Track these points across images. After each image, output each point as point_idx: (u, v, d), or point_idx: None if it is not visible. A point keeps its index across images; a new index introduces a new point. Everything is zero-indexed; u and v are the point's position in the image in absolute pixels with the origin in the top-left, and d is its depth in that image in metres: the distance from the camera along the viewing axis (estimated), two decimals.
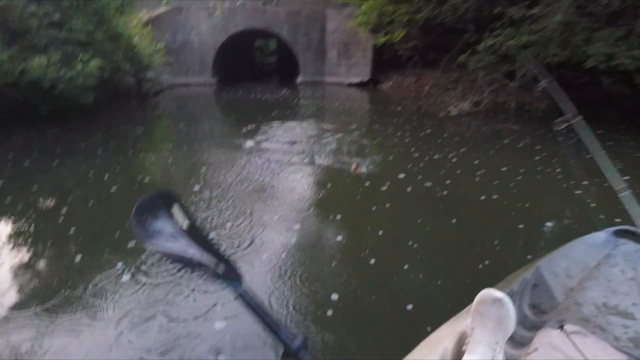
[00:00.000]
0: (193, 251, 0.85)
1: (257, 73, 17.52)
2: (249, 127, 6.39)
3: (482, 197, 3.33)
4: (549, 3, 6.27)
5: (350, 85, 12.51)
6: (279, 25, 13.10)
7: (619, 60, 5.56)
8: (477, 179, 3.80)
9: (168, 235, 0.87)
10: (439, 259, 2.53)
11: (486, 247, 2.58)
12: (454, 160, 4.53)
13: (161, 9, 12.10)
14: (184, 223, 0.92)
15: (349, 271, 2.37)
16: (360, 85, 12.40)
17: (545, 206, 3.32)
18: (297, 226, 2.89)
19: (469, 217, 3.03)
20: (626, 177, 3.73)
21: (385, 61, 12.42)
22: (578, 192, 3.39)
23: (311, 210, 3.20)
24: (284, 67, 16.21)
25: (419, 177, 3.87)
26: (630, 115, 6.44)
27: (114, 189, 3.70)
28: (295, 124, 6.79)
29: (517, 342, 1.15)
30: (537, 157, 4.52)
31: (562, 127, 1.28)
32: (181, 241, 0.87)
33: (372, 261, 2.43)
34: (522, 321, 1.27)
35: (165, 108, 9.56)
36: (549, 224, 2.90)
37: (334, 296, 2.08)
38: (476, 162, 4.38)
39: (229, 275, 0.83)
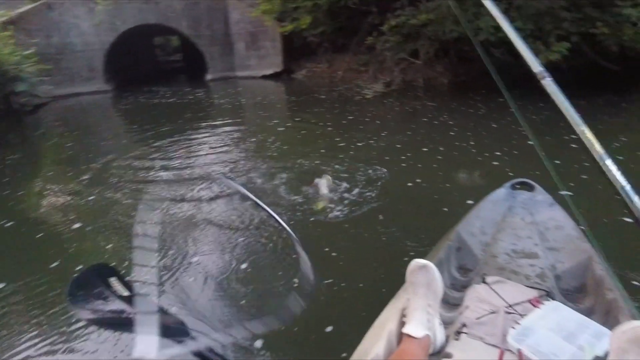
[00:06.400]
0: (135, 315, 0.86)
1: (161, 74, 15.93)
2: (153, 139, 5.59)
3: (409, 184, 3.25)
4: None
5: (264, 77, 12.01)
6: (176, 19, 11.95)
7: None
8: (402, 164, 3.73)
9: (107, 305, 0.89)
10: (363, 262, 2.29)
11: (415, 241, 2.39)
12: (378, 145, 4.46)
13: (24, 7, 10.15)
14: (124, 292, 0.94)
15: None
16: (274, 76, 11.97)
17: (465, 183, 3.33)
18: (196, 259, 2.42)
19: (397, 209, 2.86)
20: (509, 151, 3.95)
21: (296, 49, 12.13)
22: (495, 162, 3.52)
23: (220, 233, 2.75)
24: (191, 64, 14.96)
25: (347, 170, 3.65)
26: (517, 82, 7.06)
27: None
28: (209, 128, 6.17)
29: (452, 304, 1.26)
30: (453, 133, 4.67)
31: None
32: (122, 308, 0.88)
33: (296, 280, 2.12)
34: (453, 284, 1.40)
35: (50, 125, 8.10)
36: (470, 201, 2.90)
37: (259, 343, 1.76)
38: (399, 145, 4.35)
39: (175, 329, 0.87)
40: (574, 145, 3.81)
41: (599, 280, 1.24)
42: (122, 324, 0.88)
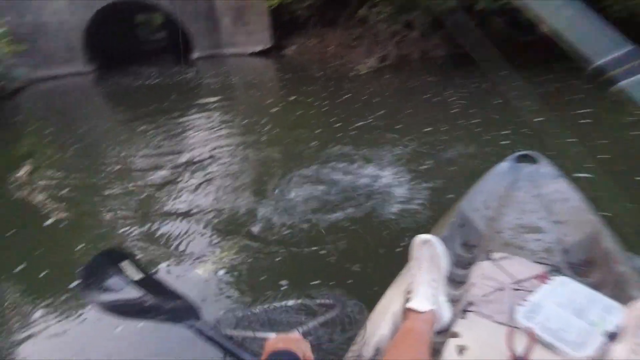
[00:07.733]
0: (146, 300, 0.87)
1: (145, 53, 15.21)
2: (139, 126, 5.27)
3: (426, 167, 3.04)
4: None
5: (253, 54, 11.54)
6: None
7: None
8: (407, 147, 3.49)
9: (119, 291, 0.88)
10: (360, 259, 2.11)
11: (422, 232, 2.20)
12: (377, 125, 4.26)
13: None
14: (136, 275, 0.93)
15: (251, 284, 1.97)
16: (263, 53, 11.50)
17: (473, 166, 3.03)
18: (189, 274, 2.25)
19: (400, 199, 2.64)
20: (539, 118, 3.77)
21: (284, 24, 11.60)
22: (503, 142, 3.33)
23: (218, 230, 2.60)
24: (177, 42, 14.29)
25: (347, 155, 3.43)
26: (521, 51, 6.71)
27: None
28: (199, 111, 5.87)
29: (458, 282, 1.22)
30: (455, 110, 4.46)
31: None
32: (134, 293, 0.87)
33: (284, 283, 1.94)
34: (458, 261, 1.35)
35: (31, 110, 7.72)
36: None
37: None
38: (399, 126, 4.14)
39: (185, 313, 0.86)
40: (583, 121, 3.65)
41: (607, 253, 1.19)
42: (136, 311, 0.87)
